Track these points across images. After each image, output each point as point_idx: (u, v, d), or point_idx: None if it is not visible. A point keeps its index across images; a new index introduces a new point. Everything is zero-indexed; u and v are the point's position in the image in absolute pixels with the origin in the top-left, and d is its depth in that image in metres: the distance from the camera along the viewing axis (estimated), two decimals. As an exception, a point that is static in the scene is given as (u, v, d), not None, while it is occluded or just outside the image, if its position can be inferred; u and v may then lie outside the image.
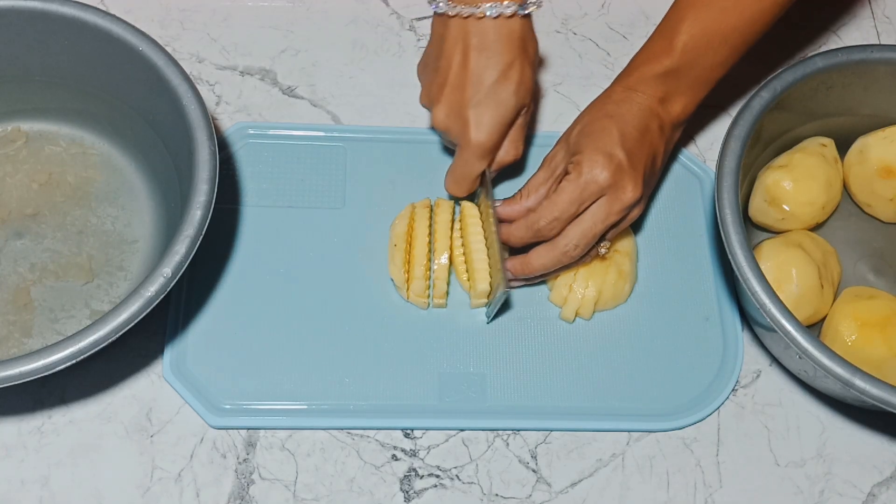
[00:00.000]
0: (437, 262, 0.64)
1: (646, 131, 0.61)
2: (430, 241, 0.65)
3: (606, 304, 0.66)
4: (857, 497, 0.63)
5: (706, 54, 0.62)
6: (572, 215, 0.60)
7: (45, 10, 0.60)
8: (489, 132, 0.60)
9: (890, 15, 0.83)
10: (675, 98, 0.63)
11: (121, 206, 0.67)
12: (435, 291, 0.65)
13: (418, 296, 0.64)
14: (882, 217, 0.71)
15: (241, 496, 0.60)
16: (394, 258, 0.64)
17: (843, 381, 0.54)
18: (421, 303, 0.65)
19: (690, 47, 0.61)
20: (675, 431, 0.64)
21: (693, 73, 0.62)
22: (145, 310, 0.52)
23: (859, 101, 0.68)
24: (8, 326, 0.62)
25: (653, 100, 0.62)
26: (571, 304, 0.65)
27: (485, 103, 0.59)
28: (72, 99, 0.66)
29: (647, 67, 0.62)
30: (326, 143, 0.71)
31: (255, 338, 0.64)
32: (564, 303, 0.65)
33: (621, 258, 0.66)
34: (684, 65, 0.62)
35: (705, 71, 0.62)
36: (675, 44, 0.61)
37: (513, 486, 0.62)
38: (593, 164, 0.58)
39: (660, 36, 0.63)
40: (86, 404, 0.62)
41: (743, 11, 0.61)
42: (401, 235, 0.65)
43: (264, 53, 0.75)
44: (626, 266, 0.66)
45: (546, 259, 0.61)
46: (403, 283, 0.64)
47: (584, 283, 0.65)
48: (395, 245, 0.65)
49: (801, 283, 0.63)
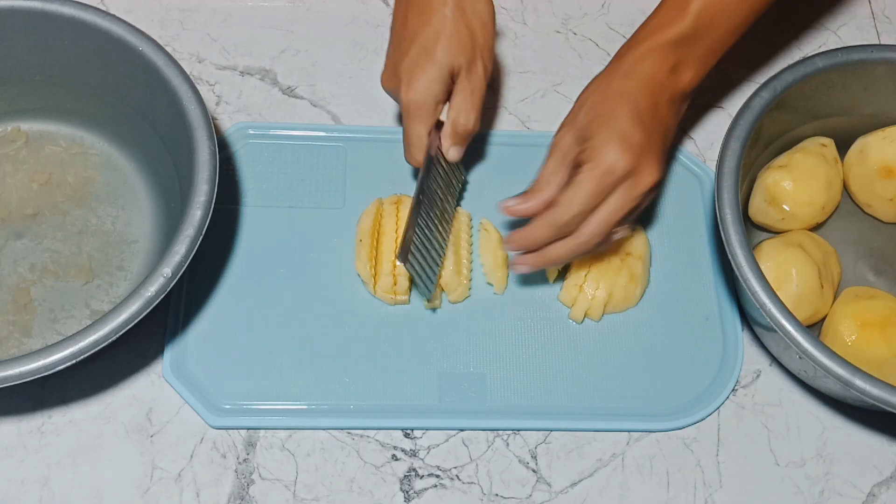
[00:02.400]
0: None
1: (657, 106, 0.59)
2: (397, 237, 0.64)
3: (617, 307, 0.66)
4: (857, 497, 0.63)
5: (723, 18, 0.60)
6: (594, 207, 0.57)
7: (45, 10, 0.60)
8: (419, 90, 0.59)
9: (890, 15, 0.83)
10: (686, 67, 0.60)
11: (121, 206, 0.67)
12: (397, 288, 0.64)
13: (385, 292, 0.64)
14: (882, 217, 0.71)
15: (241, 496, 0.60)
16: (360, 254, 0.64)
17: (843, 381, 0.54)
18: (388, 299, 0.65)
19: (706, 11, 0.59)
20: (675, 431, 0.64)
21: (707, 40, 0.60)
22: (145, 310, 0.52)
23: (859, 101, 0.68)
24: (8, 326, 0.62)
25: (662, 70, 0.59)
26: (581, 304, 0.65)
27: (417, 61, 0.59)
28: (72, 99, 0.66)
29: (657, 35, 0.60)
30: (326, 143, 0.71)
31: (256, 338, 0.64)
32: (574, 303, 0.65)
33: (634, 261, 0.66)
34: (699, 30, 0.59)
35: (720, 36, 0.60)
36: (690, 8, 0.59)
37: (513, 486, 0.62)
38: (610, 151, 0.55)
39: (671, 1, 0.60)
40: (86, 404, 0.62)
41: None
42: (366, 231, 0.65)
43: (264, 53, 0.75)
44: (638, 269, 0.66)
45: (563, 250, 0.58)
46: (370, 279, 0.64)
47: (594, 285, 0.65)
48: (361, 241, 0.65)
49: (801, 283, 0.63)
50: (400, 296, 0.64)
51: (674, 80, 0.60)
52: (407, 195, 0.67)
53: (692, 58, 0.60)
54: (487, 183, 0.71)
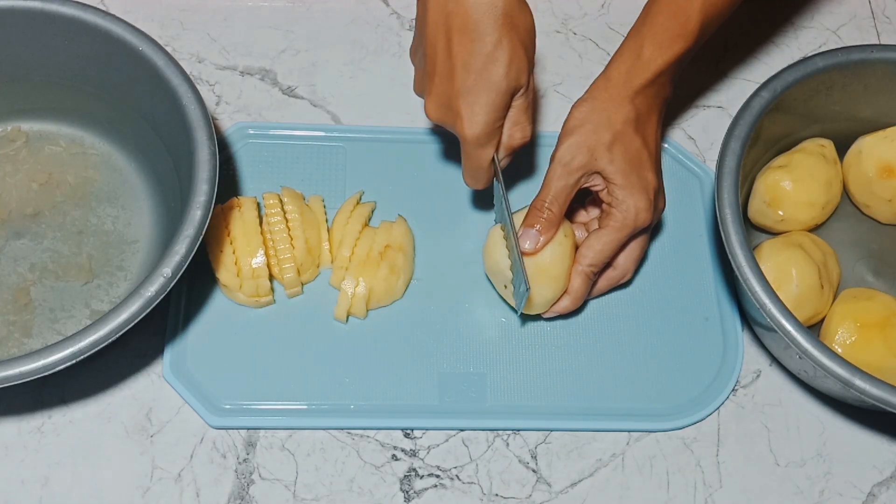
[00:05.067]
0: (254, 260, 0.62)
1: (657, 132, 0.62)
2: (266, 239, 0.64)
3: (381, 301, 0.65)
4: (857, 497, 0.63)
5: (715, 24, 0.61)
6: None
7: (45, 10, 0.60)
8: (483, 122, 0.56)
9: (890, 15, 0.83)
10: (673, 82, 0.62)
11: (121, 206, 0.67)
12: (259, 290, 0.63)
13: (250, 295, 0.63)
14: (880, 218, 0.71)
15: (241, 496, 0.60)
16: (223, 262, 0.63)
17: (843, 381, 0.54)
18: (252, 302, 0.64)
19: (705, 24, 0.60)
20: (675, 431, 0.64)
21: (695, 50, 0.61)
22: (145, 310, 0.52)
23: (859, 101, 0.68)
24: (8, 326, 0.62)
25: (666, 89, 0.61)
26: (342, 303, 0.63)
27: (474, 91, 0.55)
28: (72, 99, 0.66)
29: (661, 57, 0.60)
30: (326, 143, 0.71)
31: (255, 338, 0.64)
32: (336, 303, 0.64)
33: (394, 253, 0.65)
34: (697, 43, 0.60)
35: (703, 42, 0.62)
36: (690, 26, 0.59)
37: (513, 486, 0.62)
38: (640, 210, 0.60)
39: (669, 19, 0.60)
40: (86, 404, 0.62)
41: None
42: (223, 238, 0.63)
43: (264, 53, 0.75)
44: (399, 260, 0.65)
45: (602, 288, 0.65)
46: (236, 287, 0.63)
47: (353, 281, 0.63)
48: (222, 250, 0.63)
49: (801, 284, 0.63)
50: (263, 297, 0.64)
51: (669, 92, 0.62)
52: (244, 197, 0.65)
53: (680, 71, 0.62)
54: (487, 183, 0.71)
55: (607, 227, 0.61)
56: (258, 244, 0.63)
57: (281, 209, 0.64)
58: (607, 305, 0.67)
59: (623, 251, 0.64)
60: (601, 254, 0.61)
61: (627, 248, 0.64)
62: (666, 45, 0.60)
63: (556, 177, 0.60)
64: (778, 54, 0.79)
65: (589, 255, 0.61)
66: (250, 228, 0.63)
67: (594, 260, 0.61)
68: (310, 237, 0.64)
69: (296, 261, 0.63)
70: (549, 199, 0.59)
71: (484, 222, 0.69)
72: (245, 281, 0.62)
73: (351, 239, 0.65)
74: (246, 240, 0.63)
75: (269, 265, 0.63)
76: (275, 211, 0.64)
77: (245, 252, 0.62)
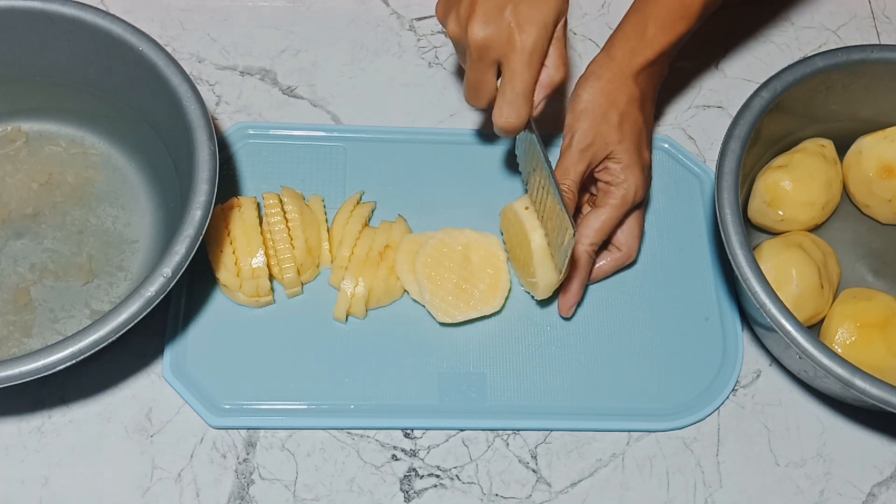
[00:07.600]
0: (254, 260, 0.62)
1: (654, 105, 0.64)
2: (266, 239, 0.64)
3: (380, 301, 0.65)
4: (857, 497, 0.63)
5: (713, 7, 0.61)
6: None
7: (45, 10, 0.60)
8: (537, 34, 0.53)
9: (890, 15, 0.83)
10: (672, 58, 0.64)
11: (121, 206, 0.67)
12: (259, 290, 0.63)
13: (251, 296, 0.63)
14: (880, 218, 0.71)
15: (241, 496, 0.60)
16: (223, 262, 0.63)
17: (843, 381, 0.54)
18: (252, 302, 0.64)
19: (707, 5, 0.61)
20: (675, 431, 0.64)
21: (695, 30, 0.62)
22: (145, 310, 0.52)
23: (859, 101, 0.68)
24: (8, 326, 0.62)
25: (664, 68, 0.62)
26: (341, 303, 0.63)
27: (525, 2, 0.53)
28: (72, 99, 0.66)
29: (665, 37, 0.60)
30: (326, 143, 0.71)
31: (256, 338, 0.64)
32: (336, 303, 0.64)
33: (394, 253, 0.65)
34: (697, 24, 0.61)
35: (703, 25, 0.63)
36: (693, 8, 0.60)
37: (513, 486, 0.62)
38: (639, 187, 0.62)
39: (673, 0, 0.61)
40: (86, 404, 0.62)
41: None
42: (223, 238, 0.63)
43: (264, 53, 0.75)
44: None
45: (610, 269, 0.67)
46: (236, 287, 0.63)
47: (353, 281, 0.63)
48: (223, 250, 0.63)
49: (801, 284, 0.63)
50: (264, 297, 0.64)
51: (662, 79, 0.64)
52: (245, 197, 0.65)
53: (677, 51, 0.63)
54: (489, 182, 0.71)
55: (606, 205, 0.62)
56: (258, 244, 0.63)
57: (281, 209, 0.64)
58: (607, 305, 0.67)
59: (622, 229, 0.65)
60: (601, 232, 0.63)
61: (626, 225, 0.65)
62: (669, 26, 0.60)
63: (573, 162, 0.61)
64: (778, 54, 0.79)
65: (589, 234, 0.62)
66: (250, 228, 0.63)
67: (594, 238, 0.63)
68: (310, 237, 0.64)
69: (296, 261, 0.63)
70: (569, 184, 0.60)
71: (484, 222, 0.68)
72: (245, 281, 0.62)
73: (351, 239, 0.65)
74: (246, 240, 0.63)
75: (269, 265, 0.63)
76: (275, 211, 0.64)
77: (245, 252, 0.62)
